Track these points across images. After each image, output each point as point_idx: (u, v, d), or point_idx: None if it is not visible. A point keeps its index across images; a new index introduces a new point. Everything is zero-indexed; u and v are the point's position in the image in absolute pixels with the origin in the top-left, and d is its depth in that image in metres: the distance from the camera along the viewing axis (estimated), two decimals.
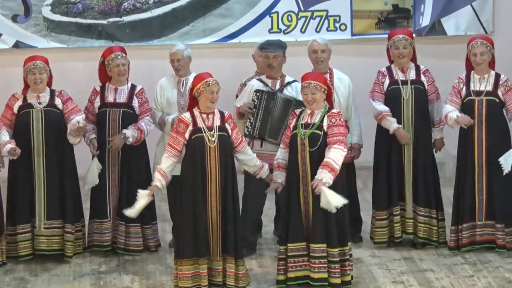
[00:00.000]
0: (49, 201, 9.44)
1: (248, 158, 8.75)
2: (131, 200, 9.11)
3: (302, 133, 8.59)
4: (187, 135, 8.48)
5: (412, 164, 9.56)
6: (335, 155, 8.39)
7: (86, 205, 9.87)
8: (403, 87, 9.53)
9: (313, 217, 8.59)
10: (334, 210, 8.39)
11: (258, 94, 9.35)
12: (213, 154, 8.48)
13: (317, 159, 8.52)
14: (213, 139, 8.49)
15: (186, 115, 8.55)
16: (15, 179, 9.47)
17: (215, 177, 8.51)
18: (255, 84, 9.44)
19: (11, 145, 9.08)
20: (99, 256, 9.64)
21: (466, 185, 9.46)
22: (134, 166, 9.63)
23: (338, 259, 8.63)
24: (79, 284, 9.04)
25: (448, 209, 9.77)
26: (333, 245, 8.60)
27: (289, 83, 9.51)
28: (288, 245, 8.65)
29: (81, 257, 9.61)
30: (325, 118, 8.56)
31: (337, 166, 8.37)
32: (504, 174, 9.25)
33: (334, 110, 8.66)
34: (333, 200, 8.33)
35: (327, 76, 9.58)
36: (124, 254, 9.64)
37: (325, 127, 8.55)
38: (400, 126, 9.39)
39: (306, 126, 8.59)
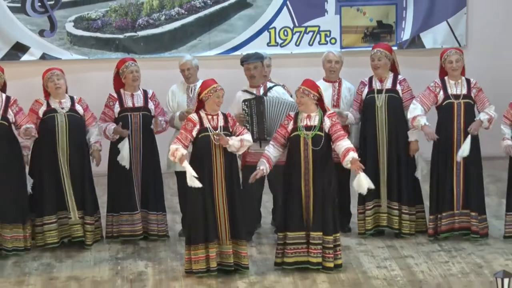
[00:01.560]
0: (76, 194, 9.48)
1: (241, 140, 8.65)
2: (153, 190, 9.47)
3: (305, 134, 8.62)
4: (194, 133, 8.54)
5: (387, 165, 9.56)
6: (349, 143, 8.54)
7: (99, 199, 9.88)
8: (377, 96, 9.53)
9: (313, 209, 8.65)
10: (365, 192, 8.54)
11: (246, 103, 9.34)
12: (218, 151, 8.54)
13: (319, 157, 8.60)
14: (218, 137, 8.53)
15: (194, 116, 8.58)
16: (42, 175, 9.47)
17: (220, 171, 8.56)
18: (241, 95, 9.39)
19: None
20: (116, 244, 9.66)
21: (445, 179, 9.47)
22: (151, 162, 9.64)
23: (332, 245, 8.68)
24: (99, 269, 9.05)
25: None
26: (328, 233, 8.65)
27: (270, 88, 9.48)
28: (288, 233, 8.68)
29: (100, 245, 9.63)
30: (325, 119, 8.59)
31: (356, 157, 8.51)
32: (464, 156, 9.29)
33: (330, 111, 8.71)
34: (367, 183, 8.45)
35: (336, 84, 9.68)
36: (149, 241, 9.68)
37: (326, 128, 8.59)
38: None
39: (307, 128, 8.62)
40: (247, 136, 8.62)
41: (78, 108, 9.46)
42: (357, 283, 8.60)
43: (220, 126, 8.55)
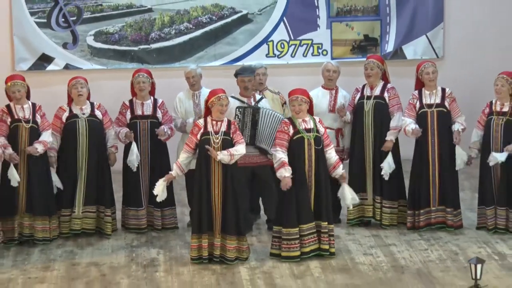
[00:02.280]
0: (88, 191, 9.49)
1: (239, 149, 8.68)
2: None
3: (308, 136, 8.67)
4: (198, 136, 8.58)
5: (373, 163, 9.57)
6: (335, 154, 8.80)
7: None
8: (366, 101, 9.56)
9: (319, 200, 8.73)
10: (349, 205, 8.87)
11: (241, 110, 9.28)
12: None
13: (320, 155, 8.71)
14: (217, 141, 8.56)
15: (201, 121, 8.64)
16: (63, 173, 9.52)
17: (218, 170, 8.58)
18: (232, 101, 9.22)
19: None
20: (131, 234, 9.68)
21: (422, 179, 9.48)
22: (159, 164, 9.63)
23: (328, 233, 8.81)
24: (116, 255, 9.08)
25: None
26: (330, 222, 8.80)
27: (259, 100, 9.46)
28: (300, 226, 8.73)
29: (117, 235, 9.65)
30: (318, 124, 8.72)
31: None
32: (456, 169, 9.36)
33: (318, 118, 8.82)
34: (350, 195, 8.77)
35: (333, 92, 9.71)
36: (161, 232, 9.68)
37: (321, 132, 8.69)
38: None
39: (307, 130, 8.68)
40: (240, 148, 8.60)
41: (97, 113, 9.47)
42: (346, 268, 8.63)
43: (222, 131, 8.58)
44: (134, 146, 9.43)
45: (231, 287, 8.26)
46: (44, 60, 11.83)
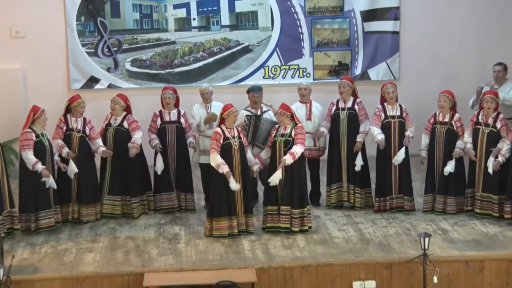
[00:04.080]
0: (113, 182, 9.44)
1: (248, 155, 8.86)
2: (183, 177, 9.45)
3: (280, 140, 8.69)
4: (221, 141, 8.62)
5: (347, 159, 9.52)
6: (296, 149, 8.62)
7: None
8: (341, 112, 9.54)
9: (284, 188, 8.71)
10: (275, 183, 8.64)
11: (248, 117, 9.40)
12: (236, 153, 8.65)
13: None
14: (236, 144, 8.60)
15: (219, 129, 8.69)
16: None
17: (237, 166, 8.64)
18: (244, 112, 9.45)
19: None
20: (160, 214, 9.63)
21: (386, 173, 9.45)
22: (182, 157, 9.63)
23: (298, 216, 8.73)
24: (147, 231, 9.08)
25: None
26: (294, 207, 8.72)
27: (265, 111, 9.53)
28: (267, 207, 8.81)
29: (148, 216, 9.60)
30: (293, 130, 8.70)
31: (297, 155, 8.60)
32: (393, 163, 9.33)
33: (299, 125, 8.82)
34: (278, 178, 8.61)
35: (308, 105, 9.68)
36: (182, 212, 9.62)
37: (293, 135, 8.68)
38: None
39: (282, 135, 8.71)
40: (249, 155, 8.81)
41: (125, 124, 9.43)
42: (324, 240, 8.64)
43: (236, 136, 8.67)
44: (159, 158, 9.44)
45: (236, 255, 8.26)
46: (92, 81, 11.79)
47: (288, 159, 8.58)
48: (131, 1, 11.76)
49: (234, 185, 8.54)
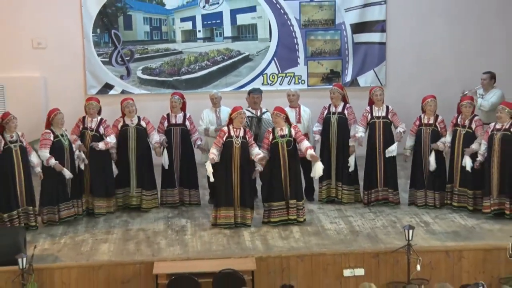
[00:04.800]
0: (140, 176, 9.43)
1: (254, 151, 8.78)
2: (187, 174, 9.39)
3: (281, 140, 8.66)
4: (224, 139, 8.61)
5: (336, 159, 9.51)
6: (308, 144, 8.75)
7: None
8: (332, 116, 9.54)
9: (290, 185, 8.72)
10: (317, 176, 8.77)
11: (249, 118, 9.40)
12: (236, 151, 8.65)
13: (292, 153, 8.71)
14: (238, 142, 8.60)
15: (225, 128, 8.73)
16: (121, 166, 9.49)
17: (236, 162, 8.64)
18: (246, 113, 9.37)
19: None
20: (168, 208, 9.63)
21: (372, 168, 9.43)
22: (185, 155, 9.59)
23: (302, 208, 8.80)
24: (157, 223, 9.09)
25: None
26: (299, 200, 8.74)
27: (264, 112, 9.55)
28: (271, 203, 8.72)
29: (158, 210, 9.58)
30: (292, 129, 8.71)
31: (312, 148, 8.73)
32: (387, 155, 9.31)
33: (294, 125, 8.88)
34: (320, 170, 8.66)
35: (297, 109, 9.67)
36: (188, 207, 9.58)
37: (293, 135, 8.65)
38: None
39: (282, 136, 8.66)
40: (256, 150, 8.75)
41: (142, 123, 9.45)
42: (318, 232, 8.65)
43: (240, 136, 8.65)
44: (165, 153, 9.41)
45: (238, 245, 8.27)
46: (107, 87, 11.76)
47: (313, 151, 8.64)
48: (142, 14, 11.74)
49: (209, 170, 8.47)
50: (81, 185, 9.22)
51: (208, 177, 9.40)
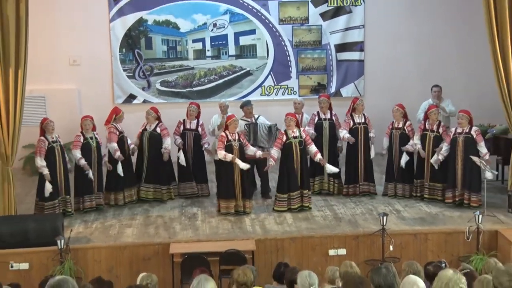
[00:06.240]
0: (148, 175, 9.32)
1: (249, 150, 8.75)
2: (198, 171, 9.34)
3: (294, 141, 8.64)
4: (225, 142, 8.57)
5: (328, 158, 9.42)
6: (315, 147, 8.78)
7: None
8: (324, 122, 9.52)
9: (303, 177, 8.70)
10: (334, 171, 8.85)
11: (247, 126, 9.33)
12: (235, 153, 8.60)
13: (302, 152, 8.70)
14: (236, 145, 8.55)
15: (223, 134, 8.66)
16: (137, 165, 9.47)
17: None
18: (242, 122, 9.33)
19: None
20: (182, 199, 9.59)
21: (354, 165, 9.38)
22: (198, 155, 9.55)
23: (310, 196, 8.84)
24: (173, 211, 9.05)
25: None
26: (310, 189, 8.83)
27: (257, 117, 9.49)
28: (290, 193, 8.69)
29: (174, 200, 9.52)
30: (302, 132, 8.73)
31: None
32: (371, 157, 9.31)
33: (303, 128, 8.90)
34: (333, 168, 8.78)
35: (300, 116, 9.59)
36: (198, 197, 9.52)
37: (303, 137, 8.68)
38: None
39: (294, 137, 8.65)
40: (251, 148, 8.72)
41: (157, 129, 9.35)
42: (307, 218, 8.62)
43: (237, 139, 8.59)
44: (181, 154, 9.37)
45: (240, 230, 8.27)
46: (131, 97, 11.73)
47: (320, 155, 8.73)
48: (161, 36, 11.71)
49: (243, 165, 8.44)
50: (114, 181, 9.14)
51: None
